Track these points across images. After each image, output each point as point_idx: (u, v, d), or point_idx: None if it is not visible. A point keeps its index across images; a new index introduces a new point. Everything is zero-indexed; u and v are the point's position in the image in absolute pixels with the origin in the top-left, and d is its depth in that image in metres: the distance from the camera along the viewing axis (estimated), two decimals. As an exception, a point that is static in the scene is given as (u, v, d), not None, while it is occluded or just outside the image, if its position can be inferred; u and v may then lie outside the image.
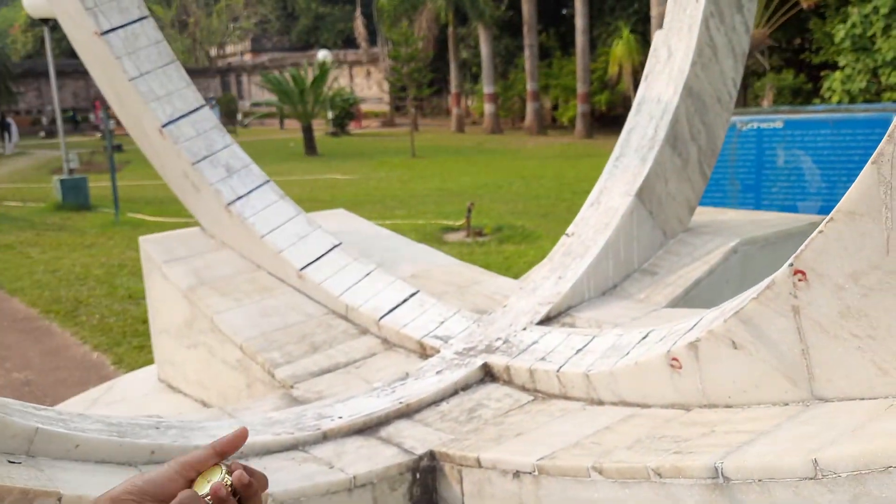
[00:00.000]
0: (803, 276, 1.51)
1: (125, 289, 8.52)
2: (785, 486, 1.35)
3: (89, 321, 7.44)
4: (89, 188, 14.16)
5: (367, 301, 2.82)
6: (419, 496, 2.03)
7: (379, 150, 24.25)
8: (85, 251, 10.49)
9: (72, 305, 8.03)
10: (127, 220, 12.58)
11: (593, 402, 2.15)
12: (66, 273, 9.40)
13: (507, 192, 15.47)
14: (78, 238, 11.35)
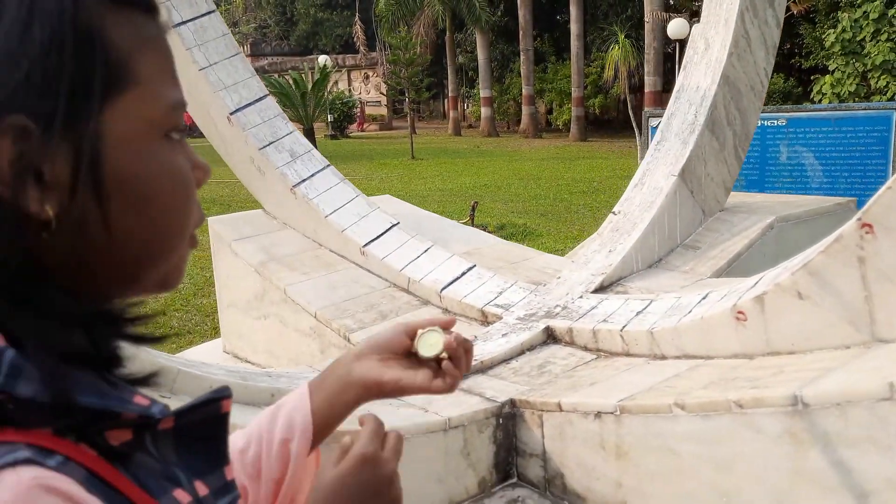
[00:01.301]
0: (870, 230, 1.70)
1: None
2: (862, 407, 1.54)
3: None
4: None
5: (428, 274, 3.00)
6: (501, 439, 2.22)
7: (378, 153, 24.43)
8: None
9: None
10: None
11: (656, 357, 2.34)
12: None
13: (507, 192, 15.68)
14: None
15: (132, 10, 0.58)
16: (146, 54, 0.58)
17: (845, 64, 18.32)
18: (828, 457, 1.59)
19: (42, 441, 0.50)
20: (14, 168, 0.50)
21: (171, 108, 0.60)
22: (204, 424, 0.65)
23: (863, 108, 8.04)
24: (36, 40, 0.50)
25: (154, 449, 0.59)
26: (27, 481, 0.46)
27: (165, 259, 0.61)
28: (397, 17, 28.71)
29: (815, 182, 7.91)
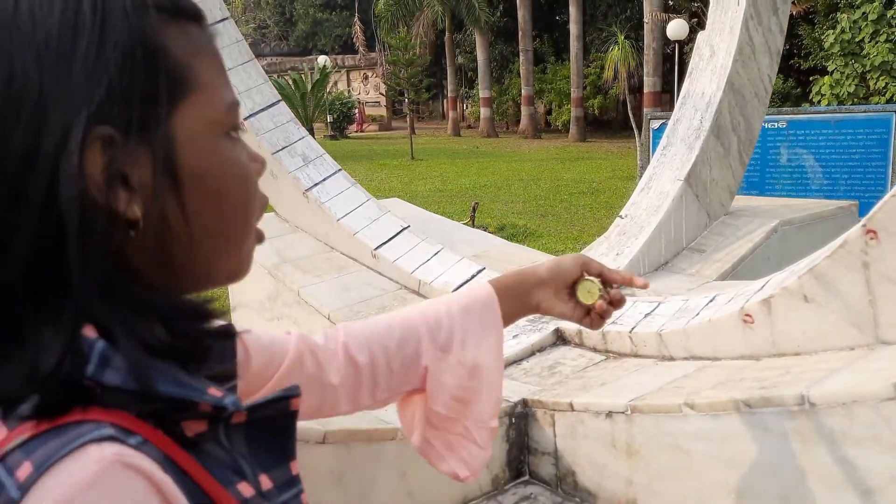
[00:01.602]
0: (875, 235, 1.77)
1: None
2: (867, 407, 1.60)
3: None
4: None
5: (438, 277, 3.06)
6: (514, 438, 2.28)
7: (378, 153, 24.50)
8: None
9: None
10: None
11: (664, 358, 2.40)
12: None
13: (507, 193, 15.75)
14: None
15: (185, 21, 0.63)
16: (202, 60, 0.63)
17: (844, 65, 18.40)
18: (833, 455, 1.65)
19: (124, 422, 0.54)
20: (104, 174, 0.55)
21: (229, 108, 0.65)
22: (274, 420, 0.69)
23: (862, 110, 8.12)
24: (111, 58, 0.56)
25: (226, 441, 0.64)
26: (109, 456, 0.50)
27: (238, 249, 0.68)
28: (396, 17, 28.77)
29: (816, 184, 7.99)
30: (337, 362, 0.99)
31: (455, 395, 1.07)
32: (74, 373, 0.53)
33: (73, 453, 0.50)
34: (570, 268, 1.09)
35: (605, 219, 11.46)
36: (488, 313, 1.07)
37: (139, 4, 0.59)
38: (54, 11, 0.55)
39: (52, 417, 0.52)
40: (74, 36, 0.55)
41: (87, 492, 0.48)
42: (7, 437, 0.52)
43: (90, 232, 0.54)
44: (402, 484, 2.07)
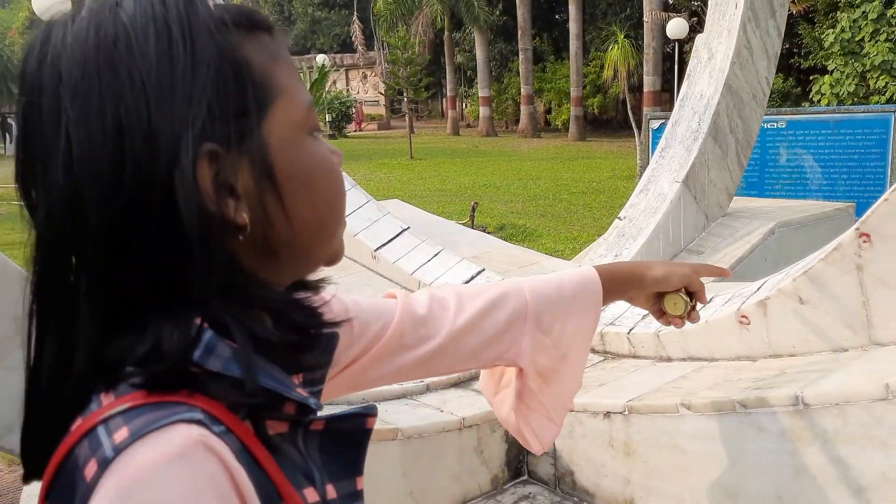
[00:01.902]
0: (868, 238, 1.80)
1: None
2: (859, 407, 1.63)
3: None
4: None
5: (438, 278, 3.09)
6: (513, 438, 2.31)
7: (377, 153, 24.53)
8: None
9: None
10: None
11: (662, 359, 2.43)
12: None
13: (506, 192, 15.77)
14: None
15: (260, 32, 0.67)
16: (279, 67, 0.68)
17: (844, 64, 18.42)
18: (827, 454, 1.68)
19: (214, 410, 0.59)
20: (214, 186, 0.60)
21: (308, 108, 0.70)
22: (348, 434, 0.74)
23: (862, 110, 8.15)
24: (206, 79, 0.60)
25: (302, 446, 0.69)
26: (195, 436, 0.55)
27: (332, 237, 0.74)
28: (396, 16, 28.79)
29: (815, 184, 8.02)
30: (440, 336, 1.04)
31: (542, 373, 1.13)
32: (184, 357, 0.59)
33: (165, 428, 0.55)
34: (675, 283, 1.20)
35: (604, 218, 11.48)
36: (592, 304, 1.14)
37: (221, 24, 0.63)
38: (150, 43, 0.59)
39: (159, 392, 0.58)
40: (171, 64, 0.59)
41: (170, 463, 0.53)
42: (112, 403, 0.58)
43: (208, 238, 0.59)
44: (403, 483, 2.10)
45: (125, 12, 0.60)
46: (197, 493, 0.53)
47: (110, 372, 0.60)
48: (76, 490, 0.55)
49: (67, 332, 0.61)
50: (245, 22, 0.66)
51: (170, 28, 0.60)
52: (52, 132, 0.59)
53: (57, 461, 0.59)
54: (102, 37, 0.59)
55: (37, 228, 0.63)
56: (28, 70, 0.62)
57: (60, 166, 0.59)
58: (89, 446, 0.56)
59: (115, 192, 0.58)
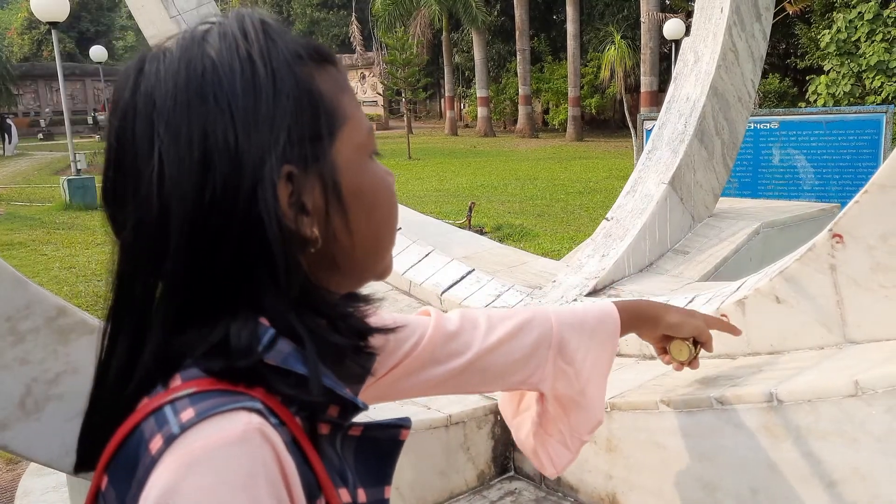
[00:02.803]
0: (840, 239, 1.84)
1: (143, 284, 8.76)
2: (830, 403, 1.68)
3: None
4: (96, 188, 14.38)
5: (429, 278, 3.14)
6: (499, 435, 2.36)
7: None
8: (98, 249, 10.69)
9: (92, 300, 8.27)
10: (135, 219, 12.77)
11: (645, 357, 2.48)
12: (83, 269, 9.62)
13: (503, 192, 15.81)
14: (89, 236, 11.56)
15: (328, 64, 0.74)
16: (344, 96, 0.75)
17: (840, 64, 18.49)
18: (800, 449, 1.73)
19: (270, 403, 0.65)
20: (290, 204, 0.67)
21: (369, 133, 0.77)
22: (382, 443, 0.80)
23: (854, 111, 8.20)
24: (286, 107, 0.67)
25: (339, 449, 0.75)
26: (255, 423, 0.61)
27: (386, 251, 0.81)
28: (394, 16, 28.83)
29: (807, 185, 8.07)
30: (468, 354, 1.10)
31: (561, 402, 1.19)
32: (251, 353, 0.65)
33: (228, 412, 0.61)
34: (687, 333, 1.34)
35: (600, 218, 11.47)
36: (610, 339, 1.21)
37: (297, 57, 0.70)
38: (235, 75, 0.66)
39: (229, 381, 0.64)
40: (255, 93, 0.66)
41: (230, 445, 0.59)
42: (179, 387, 0.64)
43: (287, 251, 0.66)
44: (391, 479, 2.15)
45: (212, 47, 0.67)
46: (251, 475, 0.58)
47: (174, 363, 0.66)
48: (139, 462, 0.61)
49: (141, 328, 0.68)
50: (315, 55, 0.73)
51: (253, 61, 0.67)
52: (146, 154, 0.66)
53: (121, 435, 0.64)
54: (192, 70, 0.66)
55: (122, 238, 0.69)
56: (122, 98, 0.68)
57: (154, 184, 0.65)
58: (156, 423, 0.62)
59: (200, 208, 0.64)
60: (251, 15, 0.71)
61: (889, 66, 17.44)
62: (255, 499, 0.58)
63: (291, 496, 0.61)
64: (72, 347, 1.60)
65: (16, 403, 1.52)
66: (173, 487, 0.57)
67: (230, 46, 0.67)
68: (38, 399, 1.55)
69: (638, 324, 1.27)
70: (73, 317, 1.62)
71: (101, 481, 0.65)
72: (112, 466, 0.64)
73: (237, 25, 0.69)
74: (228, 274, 0.66)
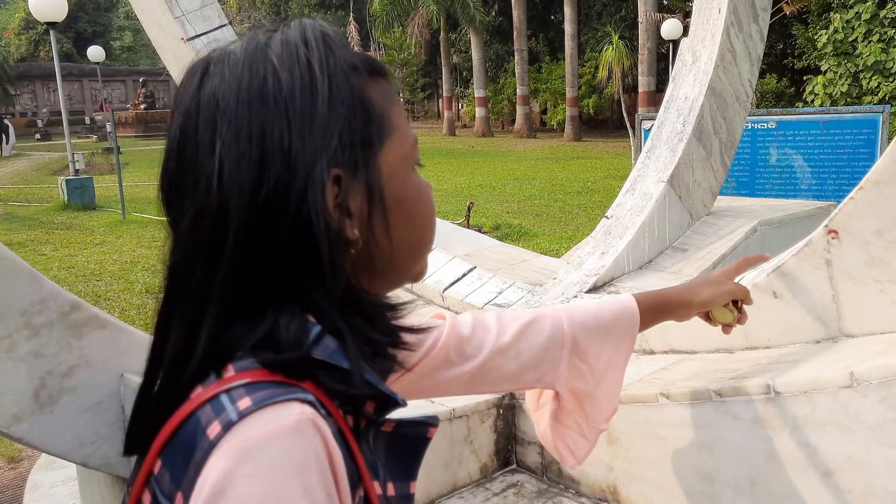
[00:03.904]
0: (836, 235, 1.89)
1: (142, 284, 8.78)
2: (826, 394, 1.72)
3: (110, 315, 7.76)
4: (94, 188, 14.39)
5: (431, 275, 3.18)
6: (502, 428, 2.40)
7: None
8: (97, 249, 10.70)
9: (91, 300, 8.28)
10: (134, 219, 12.80)
11: (645, 352, 2.52)
12: (82, 269, 9.64)
13: (502, 192, 15.84)
14: (88, 236, 11.56)
15: (379, 77, 0.77)
16: (393, 108, 0.78)
17: (837, 64, 18.54)
18: (797, 439, 1.77)
19: (319, 395, 0.69)
20: (336, 205, 0.71)
21: (413, 145, 0.80)
22: (410, 440, 0.83)
23: (850, 111, 8.25)
24: (340, 113, 0.71)
25: (372, 443, 0.78)
26: (308, 414, 0.64)
27: (422, 256, 0.83)
28: (392, 17, 28.85)
29: (804, 184, 8.12)
30: (480, 356, 1.12)
31: (578, 397, 1.21)
32: (300, 346, 0.68)
33: (283, 402, 0.64)
34: (722, 301, 1.33)
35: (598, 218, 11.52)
36: (627, 333, 1.21)
37: (353, 67, 0.74)
38: (295, 80, 0.69)
39: (281, 374, 0.67)
40: (311, 98, 0.70)
41: (285, 434, 0.61)
42: (234, 377, 0.67)
43: (333, 250, 0.70)
44: (395, 471, 2.19)
45: (274, 53, 0.71)
46: (304, 462, 0.61)
47: (226, 354, 0.69)
48: (196, 447, 0.63)
49: (195, 319, 0.70)
50: (369, 68, 0.76)
51: (312, 68, 0.70)
52: (207, 149, 0.69)
53: (177, 422, 0.67)
54: (255, 73, 0.70)
55: (180, 230, 0.72)
56: (187, 94, 0.72)
57: (215, 178, 0.68)
58: (213, 410, 0.65)
59: (255, 203, 0.68)
60: (313, 25, 0.75)
61: (886, 67, 17.50)
62: (308, 486, 0.60)
63: (338, 485, 0.65)
64: (85, 341, 1.63)
65: (30, 396, 1.56)
66: (231, 471, 0.59)
67: (291, 53, 0.71)
68: (52, 392, 1.58)
69: (668, 313, 1.28)
70: (87, 312, 1.65)
71: (154, 465, 0.68)
72: (167, 451, 0.67)
73: (299, 34, 0.73)
74: (278, 269, 0.69)
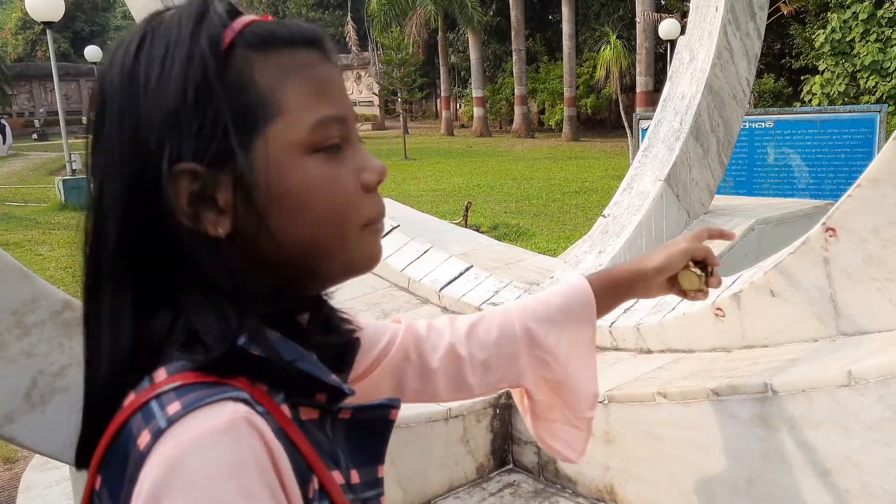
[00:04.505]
0: (833, 233, 1.88)
1: (139, 284, 8.77)
2: (824, 393, 1.71)
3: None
4: (92, 188, 14.32)
5: (427, 275, 3.16)
6: (498, 428, 2.39)
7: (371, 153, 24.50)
8: (94, 249, 10.67)
9: (89, 300, 8.26)
10: (131, 219, 12.75)
11: (642, 351, 2.51)
12: (79, 270, 9.60)
13: (500, 192, 15.82)
14: (85, 237, 11.53)
15: (281, 47, 0.68)
16: (290, 85, 0.68)
17: (835, 64, 18.54)
18: (794, 439, 1.76)
19: (255, 393, 0.66)
20: (191, 202, 0.66)
21: (315, 127, 0.69)
22: (372, 424, 0.80)
23: (848, 110, 8.25)
24: (190, 100, 0.65)
25: (330, 432, 0.75)
26: (242, 413, 0.61)
27: (336, 252, 0.73)
28: (389, 16, 28.82)
29: (802, 183, 8.11)
30: (438, 354, 1.08)
31: (552, 387, 1.15)
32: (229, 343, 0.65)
33: (214, 403, 0.61)
34: (679, 262, 1.15)
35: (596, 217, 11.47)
36: (584, 314, 1.12)
37: (216, 51, 0.66)
38: (153, 65, 0.66)
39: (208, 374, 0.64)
40: (160, 86, 0.65)
41: (216, 435, 0.59)
42: (164, 381, 0.64)
43: (195, 248, 0.66)
44: (391, 472, 2.17)
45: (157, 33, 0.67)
46: (240, 463, 0.59)
47: (157, 354, 0.66)
48: (129, 458, 0.61)
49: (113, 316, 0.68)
50: (257, 41, 0.68)
51: (169, 50, 0.66)
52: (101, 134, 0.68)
53: (110, 434, 0.64)
54: (129, 61, 0.67)
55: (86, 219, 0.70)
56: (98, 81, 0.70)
57: (100, 163, 0.67)
58: (143, 418, 0.62)
59: (124, 194, 0.66)
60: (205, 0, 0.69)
61: (883, 66, 17.50)
62: (245, 487, 0.58)
63: (282, 481, 0.62)
64: (76, 341, 1.62)
65: (22, 396, 1.54)
66: (163, 482, 0.57)
67: (164, 33, 0.66)
68: (43, 392, 1.57)
69: (628, 288, 1.17)
70: (79, 311, 1.64)
71: (95, 481, 0.66)
72: (104, 464, 0.65)
73: (184, 10, 0.68)
74: (167, 263, 0.66)
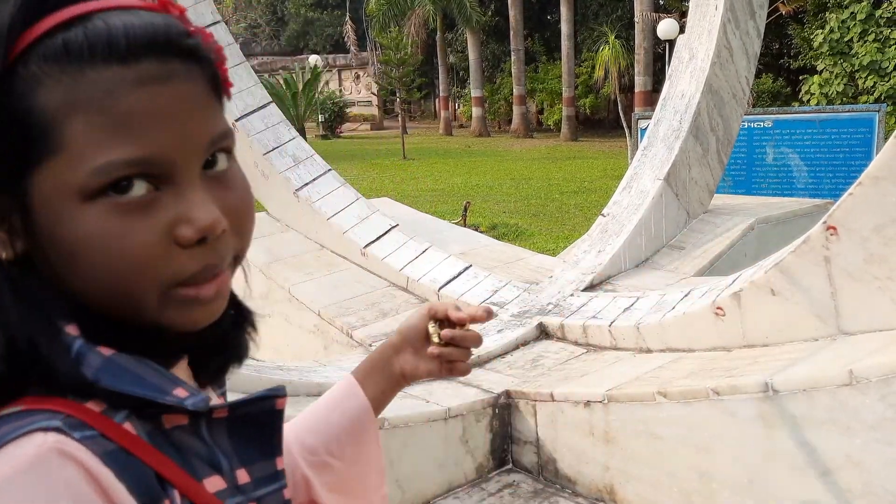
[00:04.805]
0: (834, 231, 1.87)
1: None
2: (825, 392, 1.70)
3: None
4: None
5: (426, 274, 3.15)
6: (498, 428, 2.38)
7: (370, 153, 24.52)
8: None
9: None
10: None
11: (642, 350, 2.50)
12: None
13: (498, 192, 15.79)
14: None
15: (86, 64, 0.56)
16: (77, 117, 0.57)
17: (833, 64, 18.51)
18: (795, 438, 1.75)
19: (83, 415, 0.58)
20: None
21: (96, 172, 0.57)
22: (257, 418, 0.73)
23: (847, 110, 8.24)
24: None
25: (207, 435, 0.68)
26: (50, 443, 0.54)
27: (135, 308, 0.62)
28: (388, 16, 28.77)
29: (801, 183, 8.10)
30: None
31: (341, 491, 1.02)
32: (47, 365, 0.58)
33: (18, 439, 0.54)
34: (418, 321, 1.01)
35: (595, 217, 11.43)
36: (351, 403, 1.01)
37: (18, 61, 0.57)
38: None
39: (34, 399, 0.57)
40: None
41: (20, 474, 0.52)
42: (8, 405, 0.57)
43: None
44: (390, 472, 2.16)
45: None
46: (50, 499, 0.53)
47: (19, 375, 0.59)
48: None
49: None
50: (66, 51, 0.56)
51: None
52: None
53: None
54: None
55: None
56: None
57: None
58: None
59: None
60: None
61: (881, 66, 17.47)
62: None
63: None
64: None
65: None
66: None
67: None
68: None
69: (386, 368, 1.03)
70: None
71: None
72: None
73: None
74: None
